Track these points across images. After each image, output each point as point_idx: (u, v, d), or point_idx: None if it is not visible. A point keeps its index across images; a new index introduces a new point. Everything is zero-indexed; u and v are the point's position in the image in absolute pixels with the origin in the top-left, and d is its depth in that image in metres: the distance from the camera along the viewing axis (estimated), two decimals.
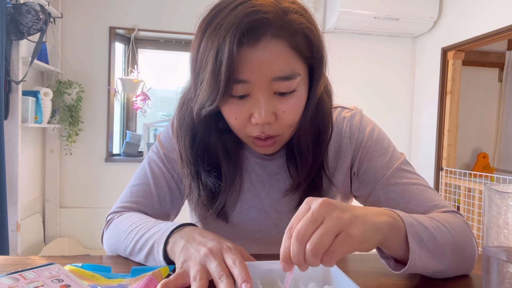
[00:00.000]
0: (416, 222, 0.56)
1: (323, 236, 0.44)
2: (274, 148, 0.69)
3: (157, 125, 3.20)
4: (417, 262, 0.54)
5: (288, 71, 0.60)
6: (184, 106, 0.72)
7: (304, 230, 0.44)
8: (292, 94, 0.62)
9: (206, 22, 0.61)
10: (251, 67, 0.58)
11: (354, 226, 0.46)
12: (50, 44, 2.85)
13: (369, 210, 0.52)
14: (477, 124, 3.87)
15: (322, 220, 0.45)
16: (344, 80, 3.20)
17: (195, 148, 0.70)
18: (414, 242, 0.54)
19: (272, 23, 0.58)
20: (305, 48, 0.62)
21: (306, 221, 0.45)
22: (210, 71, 0.59)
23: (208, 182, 0.71)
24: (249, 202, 0.78)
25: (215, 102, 0.60)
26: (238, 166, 0.74)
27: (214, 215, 0.75)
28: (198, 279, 0.50)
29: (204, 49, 0.60)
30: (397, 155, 0.74)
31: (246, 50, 0.58)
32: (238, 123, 0.64)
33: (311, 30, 0.62)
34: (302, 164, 0.71)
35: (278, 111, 0.63)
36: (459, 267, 0.61)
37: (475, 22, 2.73)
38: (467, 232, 0.63)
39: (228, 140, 0.71)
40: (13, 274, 0.48)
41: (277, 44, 0.59)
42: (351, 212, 0.48)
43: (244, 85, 0.60)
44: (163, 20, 3.08)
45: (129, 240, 0.66)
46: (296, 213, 0.48)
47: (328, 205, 0.46)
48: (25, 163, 2.56)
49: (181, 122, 0.72)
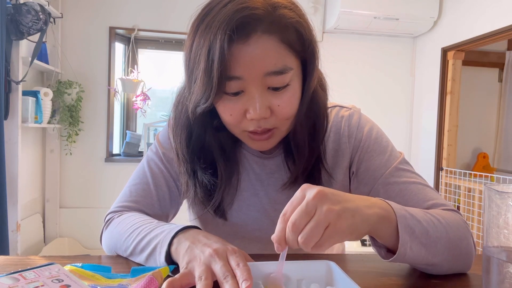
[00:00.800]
0: (409, 215, 0.57)
1: (314, 229, 0.48)
2: (270, 143, 0.69)
3: (157, 125, 3.20)
4: (407, 252, 0.56)
5: (280, 65, 0.60)
6: (180, 105, 0.72)
7: (299, 222, 0.48)
8: (286, 88, 0.63)
9: (198, 20, 0.62)
10: (243, 63, 0.59)
11: (343, 219, 0.49)
12: (50, 44, 2.85)
13: (362, 201, 0.54)
14: (477, 124, 3.86)
15: (314, 212, 0.48)
16: (344, 80, 3.20)
17: (191, 146, 0.71)
18: (405, 233, 0.55)
19: (262, 19, 0.59)
20: (296, 42, 0.62)
21: (300, 212, 0.48)
22: (203, 69, 0.59)
23: (204, 179, 0.71)
24: (248, 201, 0.78)
25: (209, 99, 0.61)
26: (234, 164, 0.75)
27: (211, 212, 0.75)
28: (204, 279, 0.50)
29: (196, 47, 0.61)
30: (395, 154, 0.74)
31: (238, 46, 0.58)
32: (233, 119, 0.64)
33: (302, 24, 0.63)
34: (299, 157, 0.71)
35: (273, 106, 0.63)
36: (454, 263, 0.61)
37: (475, 22, 2.73)
38: (463, 228, 0.63)
39: (224, 138, 0.71)
40: (13, 274, 0.47)
41: (268, 40, 0.59)
42: (342, 204, 0.50)
43: (237, 82, 0.60)
44: (163, 20, 3.08)
45: (130, 240, 0.66)
46: (291, 199, 0.51)
47: (321, 197, 0.49)
48: (25, 163, 2.56)
49: (177, 121, 0.72)
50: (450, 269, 0.62)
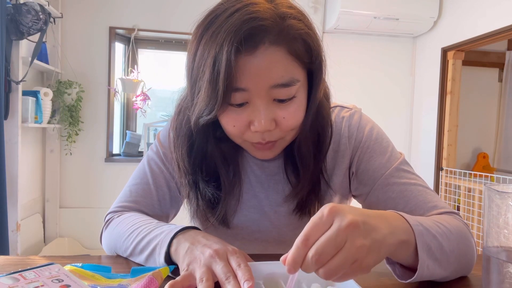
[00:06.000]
0: (425, 230, 0.54)
1: (340, 266, 0.43)
2: (273, 153, 0.68)
3: (157, 125, 3.20)
4: (424, 271, 0.53)
5: (287, 78, 0.59)
6: (181, 115, 0.70)
7: (325, 254, 0.42)
8: (291, 100, 0.62)
9: (202, 28, 0.60)
10: (249, 75, 0.57)
11: (370, 255, 0.45)
12: (50, 44, 2.85)
13: (388, 227, 0.48)
14: (477, 124, 3.86)
15: (344, 244, 0.43)
16: (344, 81, 3.20)
17: (192, 157, 0.69)
18: (423, 252, 0.53)
19: (270, 30, 0.57)
20: (304, 53, 0.61)
21: (329, 243, 0.42)
22: (207, 80, 0.58)
23: (207, 192, 0.71)
24: (248, 203, 0.77)
25: (213, 111, 0.59)
26: (237, 174, 0.74)
27: (216, 223, 0.75)
28: (205, 280, 0.50)
29: (200, 57, 0.59)
30: (396, 155, 0.74)
31: (244, 58, 0.57)
32: (237, 130, 0.63)
33: (310, 36, 0.61)
34: (304, 170, 0.70)
35: (278, 118, 0.62)
36: (459, 271, 0.61)
37: (475, 22, 2.73)
38: (468, 236, 0.63)
39: (226, 148, 0.70)
40: (13, 274, 0.47)
41: (275, 51, 0.58)
42: (372, 236, 0.45)
43: (243, 93, 0.59)
44: (163, 20, 3.08)
45: (130, 241, 0.66)
46: (316, 221, 0.44)
47: (354, 229, 0.43)
48: (25, 163, 2.55)
49: (178, 132, 0.71)
50: (454, 277, 0.61)
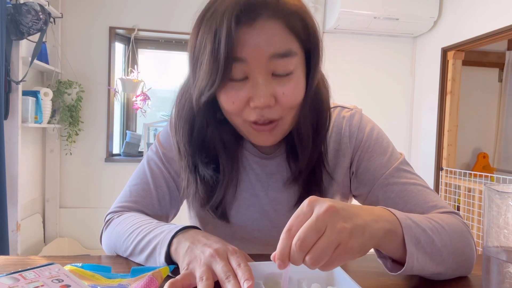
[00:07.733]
0: (414, 224, 0.56)
1: (324, 250, 0.44)
2: (273, 136, 0.68)
3: (157, 125, 3.20)
4: (414, 264, 0.54)
5: (285, 48, 0.61)
6: (183, 97, 0.71)
7: (308, 240, 0.44)
8: (290, 76, 0.63)
9: (203, 12, 0.63)
10: (248, 46, 0.59)
11: (354, 238, 0.46)
12: (50, 44, 2.85)
13: (369, 214, 0.51)
14: (477, 124, 3.86)
15: (325, 229, 0.44)
16: (344, 80, 3.20)
17: (193, 139, 0.70)
18: (411, 244, 0.54)
19: (269, 4, 0.60)
20: (301, 30, 0.63)
21: (309, 229, 0.44)
22: (209, 51, 0.60)
23: (206, 174, 0.71)
24: (248, 202, 0.77)
25: (215, 84, 0.61)
26: (235, 159, 0.74)
27: (211, 212, 0.75)
28: (205, 279, 0.50)
29: (202, 34, 0.62)
30: (396, 155, 0.74)
31: (243, 29, 0.59)
32: (236, 107, 0.63)
33: (307, 14, 0.64)
34: (303, 152, 0.70)
35: (277, 94, 0.62)
36: (458, 269, 0.61)
37: (475, 22, 2.73)
38: (466, 233, 0.63)
39: (226, 132, 0.71)
40: (13, 274, 0.47)
41: (273, 24, 0.60)
42: (353, 220, 0.47)
43: (243, 66, 0.60)
44: (163, 20, 3.08)
45: (130, 241, 0.66)
46: (297, 212, 0.47)
47: (333, 213, 0.45)
48: (25, 163, 2.56)
49: (180, 113, 0.71)
50: (453, 275, 0.61)
